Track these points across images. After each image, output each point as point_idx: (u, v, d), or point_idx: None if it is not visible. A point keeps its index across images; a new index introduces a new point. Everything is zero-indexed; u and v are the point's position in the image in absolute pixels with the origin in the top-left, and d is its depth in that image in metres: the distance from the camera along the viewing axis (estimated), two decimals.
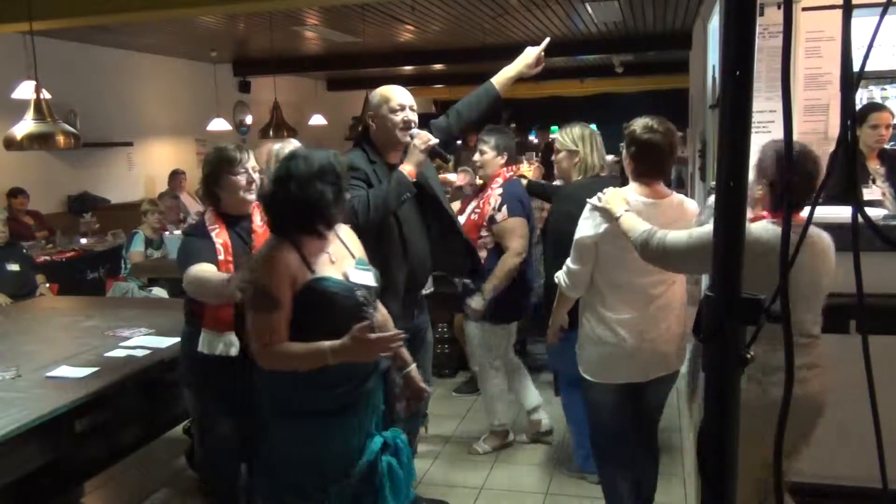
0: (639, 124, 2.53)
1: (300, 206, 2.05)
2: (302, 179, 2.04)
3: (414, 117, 2.72)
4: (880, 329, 2.40)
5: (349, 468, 2.06)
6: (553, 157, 3.41)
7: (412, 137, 2.68)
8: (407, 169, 2.64)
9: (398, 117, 2.68)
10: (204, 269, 2.36)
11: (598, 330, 2.57)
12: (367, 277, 2.17)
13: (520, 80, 2.98)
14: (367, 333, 1.95)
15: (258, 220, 2.55)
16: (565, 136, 3.25)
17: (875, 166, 3.66)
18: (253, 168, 2.53)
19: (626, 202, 2.43)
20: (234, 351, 2.40)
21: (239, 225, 2.54)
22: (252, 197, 2.52)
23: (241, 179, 2.48)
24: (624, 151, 2.59)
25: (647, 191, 2.52)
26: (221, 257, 2.42)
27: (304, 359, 2.01)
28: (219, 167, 2.48)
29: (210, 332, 2.41)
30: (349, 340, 1.95)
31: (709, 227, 2.05)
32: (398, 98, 2.70)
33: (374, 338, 1.97)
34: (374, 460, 2.08)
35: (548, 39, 2.97)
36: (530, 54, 2.91)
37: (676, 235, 2.20)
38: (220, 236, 2.46)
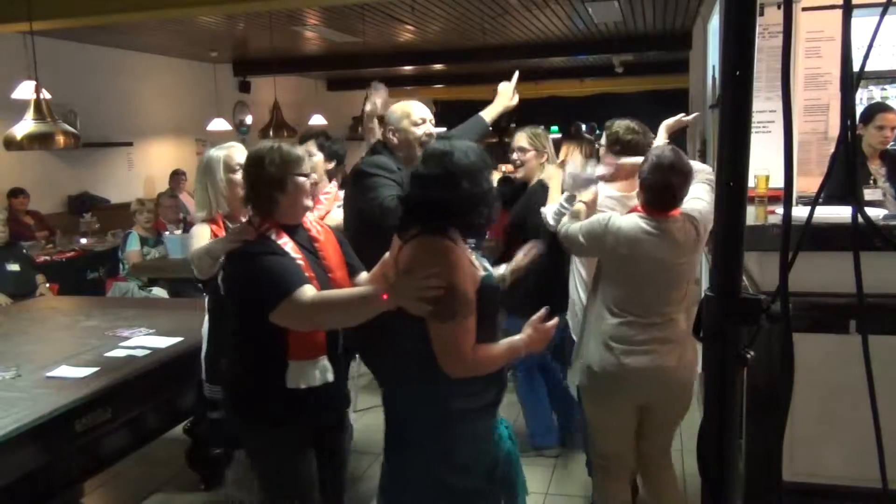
0: (621, 126, 2.77)
1: (475, 201, 1.94)
2: (473, 173, 1.94)
3: (434, 130, 2.84)
4: (880, 329, 2.40)
5: (497, 457, 2.07)
6: (518, 157, 3.56)
7: None
8: None
9: (420, 130, 2.79)
10: (322, 293, 2.04)
11: None
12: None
13: (519, 80, 3.26)
14: (542, 323, 2.00)
15: (314, 228, 2.27)
16: (536, 139, 3.52)
17: (876, 167, 3.65)
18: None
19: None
20: (330, 376, 2.15)
21: (298, 235, 2.19)
22: (311, 202, 2.24)
23: (307, 182, 2.17)
24: (604, 149, 2.81)
25: (623, 185, 2.73)
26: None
27: (504, 358, 1.99)
28: (284, 168, 2.10)
29: (300, 363, 2.10)
30: (534, 332, 1.98)
31: (592, 219, 2.48)
32: (418, 112, 2.81)
33: (550, 325, 2.00)
34: (509, 447, 2.12)
35: (517, 73, 3.28)
36: (507, 90, 3.19)
37: (575, 225, 2.52)
38: (296, 251, 2.11)
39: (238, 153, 2.74)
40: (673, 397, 2.46)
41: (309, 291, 1.99)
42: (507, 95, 3.20)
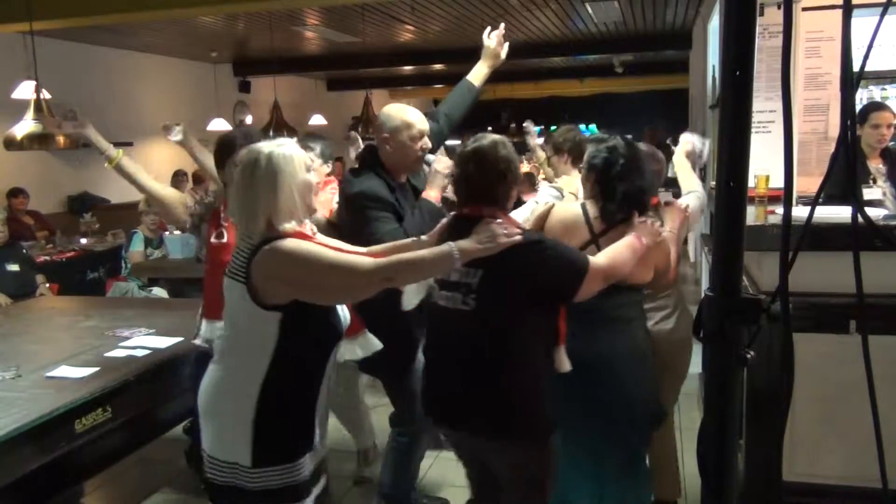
0: (559, 132, 3.26)
1: (648, 189, 2.30)
2: (644, 164, 2.29)
3: (429, 144, 2.65)
4: (880, 329, 2.40)
5: None
6: (550, 157, 3.51)
7: (429, 164, 2.65)
8: (432, 195, 2.60)
9: (418, 145, 2.60)
10: (604, 252, 2.14)
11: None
12: None
13: (519, 80, 3.18)
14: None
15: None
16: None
17: (877, 165, 3.65)
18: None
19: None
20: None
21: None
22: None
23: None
24: (554, 158, 3.23)
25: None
26: None
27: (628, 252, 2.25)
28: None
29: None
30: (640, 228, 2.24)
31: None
32: (419, 125, 2.59)
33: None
34: None
35: (503, 25, 3.02)
36: (491, 44, 2.96)
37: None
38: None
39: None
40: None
41: (593, 256, 2.11)
42: (494, 51, 2.95)
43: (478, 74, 2.99)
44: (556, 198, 3.21)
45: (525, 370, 1.97)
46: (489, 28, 2.99)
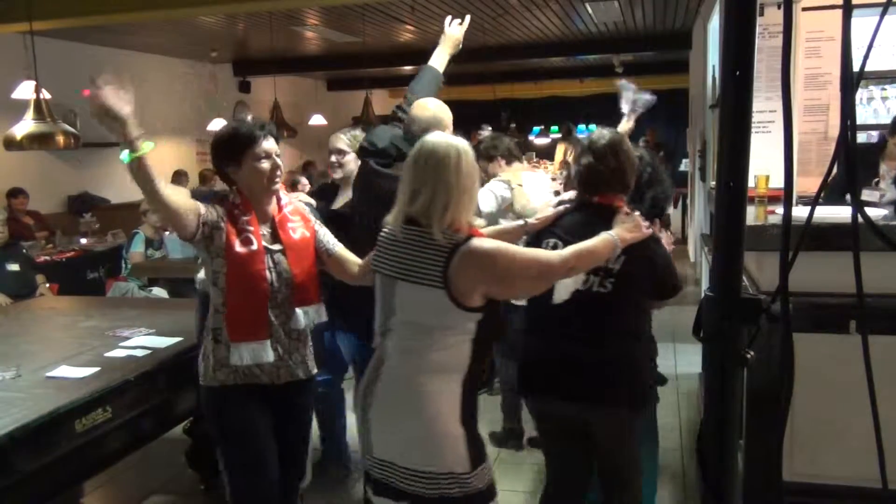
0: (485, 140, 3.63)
1: (669, 195, 2.58)
2: (662, 171, 2.55)
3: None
4: (880, 329, 2.40)
5: None
6: (336, 160, 3.27)
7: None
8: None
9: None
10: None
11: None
12: None
13: (519, 80, 3.24)
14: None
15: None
16: (354, 141, 3.21)
17: (891, 166, 3.58)
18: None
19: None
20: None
21: None
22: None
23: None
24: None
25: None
26: None
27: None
28: None
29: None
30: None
31: None
32: (450, 126, 2.65)
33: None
34: None
35: (468, 18, 3.16)
36: (453, 32, 3.07)
37: None
38: None
39: None
40: None
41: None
42: (455, 39, 3.08)
43: (441, 62, 3.09)
44: (507, 189, 3.67)
45: (640, 345, 2.24)
46: (449, 17, 3.10)
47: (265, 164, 2.19)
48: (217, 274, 2.20)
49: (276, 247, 2.24)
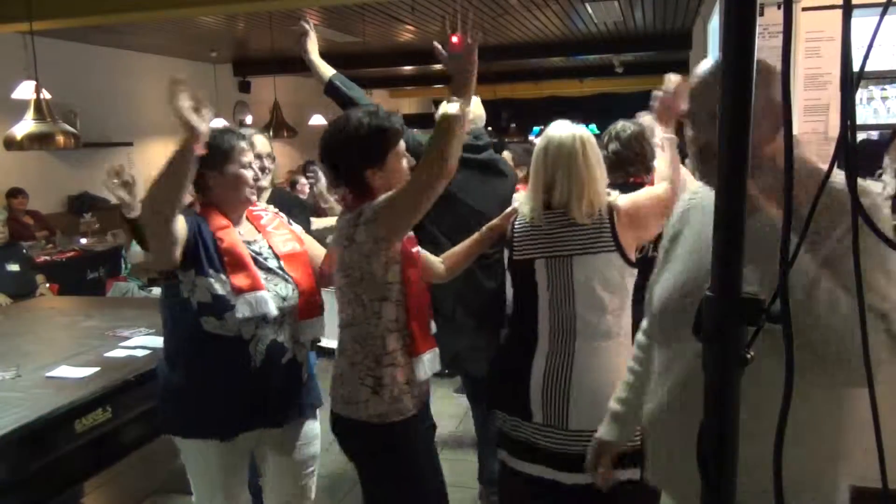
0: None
1: None
2: None
3: None
4: None
5: None
6: (267, 165, 3.17)
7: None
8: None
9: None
10: None
11: None
12: None
13: (519, 80, 3.26)
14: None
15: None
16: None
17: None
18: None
19: None
20: None
21: None
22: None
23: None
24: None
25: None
26: None
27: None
28: None
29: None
30: None
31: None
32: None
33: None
34: None
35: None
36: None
37: None
38: None
39: None
40: None
41: None
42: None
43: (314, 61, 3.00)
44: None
45: None
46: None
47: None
48: (391, 286, 1.94)
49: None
